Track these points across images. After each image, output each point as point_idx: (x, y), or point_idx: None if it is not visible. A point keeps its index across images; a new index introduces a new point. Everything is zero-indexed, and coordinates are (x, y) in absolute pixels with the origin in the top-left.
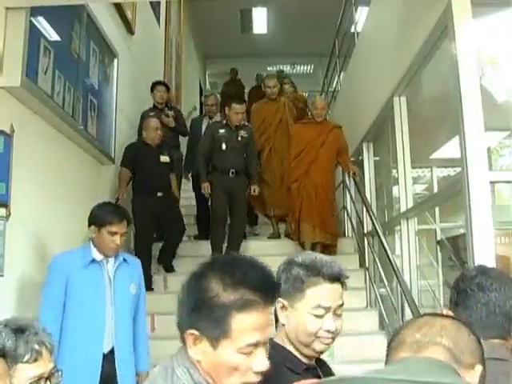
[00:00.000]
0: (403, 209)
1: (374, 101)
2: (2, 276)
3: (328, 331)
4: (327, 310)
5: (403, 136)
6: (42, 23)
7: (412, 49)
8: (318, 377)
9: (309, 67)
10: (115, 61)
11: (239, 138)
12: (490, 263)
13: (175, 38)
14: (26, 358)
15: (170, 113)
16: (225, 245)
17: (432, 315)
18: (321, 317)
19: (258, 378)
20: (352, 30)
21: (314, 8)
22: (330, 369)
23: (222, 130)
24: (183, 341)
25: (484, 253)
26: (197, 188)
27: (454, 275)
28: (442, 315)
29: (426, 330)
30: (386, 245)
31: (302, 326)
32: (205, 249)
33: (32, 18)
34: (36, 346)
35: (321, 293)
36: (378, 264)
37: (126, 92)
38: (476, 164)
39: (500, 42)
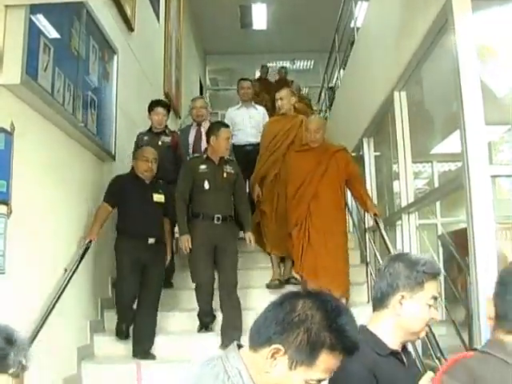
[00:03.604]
0: (404, 204)
1: (375, 96)
2: (3, 273)
3: (433, 319)
4: (436, 300)
5: (404, 131)
6: (41, 21)
7: (412, 43)
8: (402, 361)
9: (309, 63)
10: (115, 57)
11: (224, 175)
12: (491, 257)
13: (175, 34)
14: (11, 370)
15: (167, 138)
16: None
17: None
18: (431, 307)
19: None
20: (352, 25)
21: (313, 3)
22: (412, 356)
23: (203, 166)
24: (253, 346)
25: (485, 247)
26: None
27: (454, 269)
28: None
29: None
30: (387, 240)
31: (420, 315)
32: None
33: (31, 16)
34: (23, 361)
35: (434, 286)
36: (379, 259)
37: (126, 89)
38: (477, 158)
39: (500, 35)
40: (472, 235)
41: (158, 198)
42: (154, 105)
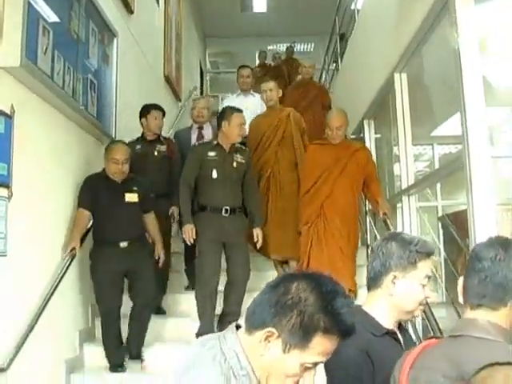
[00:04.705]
0: (404, 186)
1: (375, 78)
2: (4, 256)
3: (426, 298)
4: (429, 279)
5: (404, 113)
6: (40, 3)
7: (412, 25)
8: (397, 340)
9: (309, 45)
10: (115, 40)
11: (234, 164)
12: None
13: (175, 17)
14: None
15: (162, 147)
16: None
17: (495, 365)
18: (424, 286)
19: None
20: (352, 7)
21: None
22: (410, 335)
23: (211, 153)
24: (249, 329)
25: (485, 228)
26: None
27: (455, 251)
28: (507, 363)
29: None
30: (388, 221)
31: (413, 295)
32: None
33: None
34: None
35: (427, 265)
36: None
37: (126, 72)
38: (477, 139)
39: (500, 19)
40: (472, 216)
41: (131, 197)
42: (149, 108)
